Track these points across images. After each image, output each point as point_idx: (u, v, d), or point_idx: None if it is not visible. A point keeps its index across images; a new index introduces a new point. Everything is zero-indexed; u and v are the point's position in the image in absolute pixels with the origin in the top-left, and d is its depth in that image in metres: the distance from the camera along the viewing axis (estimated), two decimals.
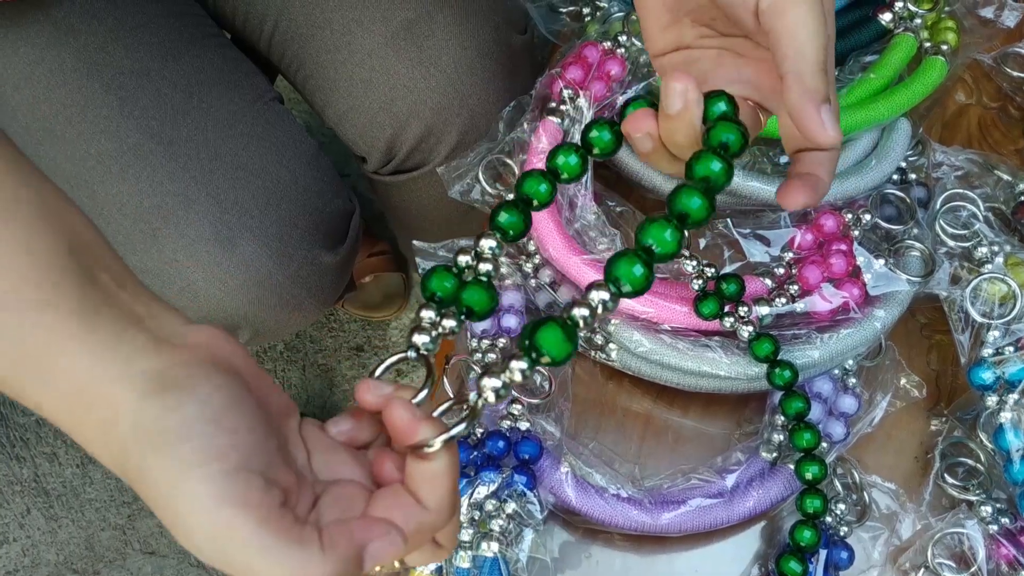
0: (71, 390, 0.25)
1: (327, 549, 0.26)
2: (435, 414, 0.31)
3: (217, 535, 0.25)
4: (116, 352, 0.25)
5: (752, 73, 0.36)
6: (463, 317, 0.34)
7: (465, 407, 0.30)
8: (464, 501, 0.45)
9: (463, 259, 0.35)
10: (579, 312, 0.29)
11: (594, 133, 0.35)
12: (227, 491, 0.25)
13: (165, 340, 0.26)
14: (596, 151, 0.35)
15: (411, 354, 0.33)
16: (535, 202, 0.35)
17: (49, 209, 0.26)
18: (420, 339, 0.33)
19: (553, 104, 0.53)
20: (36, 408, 0.26)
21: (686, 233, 0.29)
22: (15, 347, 0.25)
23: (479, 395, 0.29)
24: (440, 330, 0.34)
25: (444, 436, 0.29)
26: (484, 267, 0.35)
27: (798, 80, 0.30)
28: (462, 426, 0.29)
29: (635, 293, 0.29)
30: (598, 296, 0.29)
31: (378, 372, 0.33)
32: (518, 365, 0.29)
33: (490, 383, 0.29)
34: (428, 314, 0.34)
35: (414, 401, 0.31)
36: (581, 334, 0.49)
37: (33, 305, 0.25)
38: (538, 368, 0.50)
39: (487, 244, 0.35)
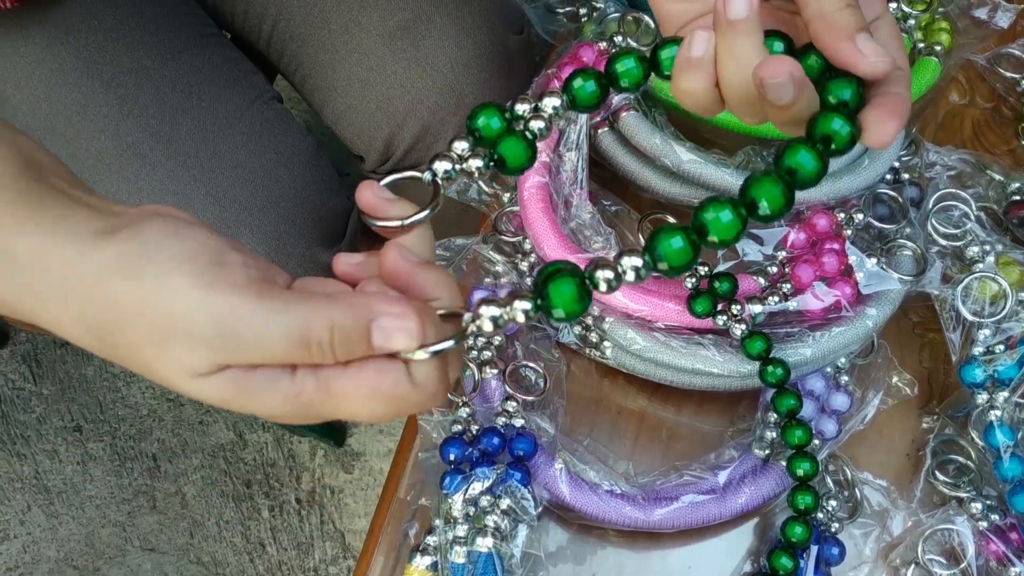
0: (26, 263, 0.25)
1: (335, 301, 0.26)
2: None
3: (222, 318, 0.24)
4: (67, 220, 0.25)
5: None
6: (492, 163, 0.32)
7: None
8: (459, 497, 0.45)
9: (521, 108, 0.33)
10: (602, 274, 0.27)
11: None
12: (214, 278, 0.25)
13: (111, 210, 0.27)
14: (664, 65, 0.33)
15: (427, 176, 0.31)
16: (623, 82, 0.33)
17: (2, 129, 0.28)
18: (441, 165, 0.31)
19: None
20: None
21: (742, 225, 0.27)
22: None
23: (474, 318, 0.28)
24: (464, 166, 0.32)
25: (432, 348, 0.27)
26: (536, 124, 0.33)
27: (822, 21, 0.29)
28: (451, 342, 0.27)
29: (673, 270, 0.27)
30: (629, 262, 0.27)
31: (384, 181, 0.31)
32: (521, 305, 0.27)
33: (488, 310, 0.27)
34: (461, 145, 0.32)
35: (413, 219, 0.30)
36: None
37: None
38: (532, 366, 0.50)
39: (551, 102, 0.32)
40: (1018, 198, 0.54)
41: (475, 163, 0.32)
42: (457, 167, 0.32)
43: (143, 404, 1.21)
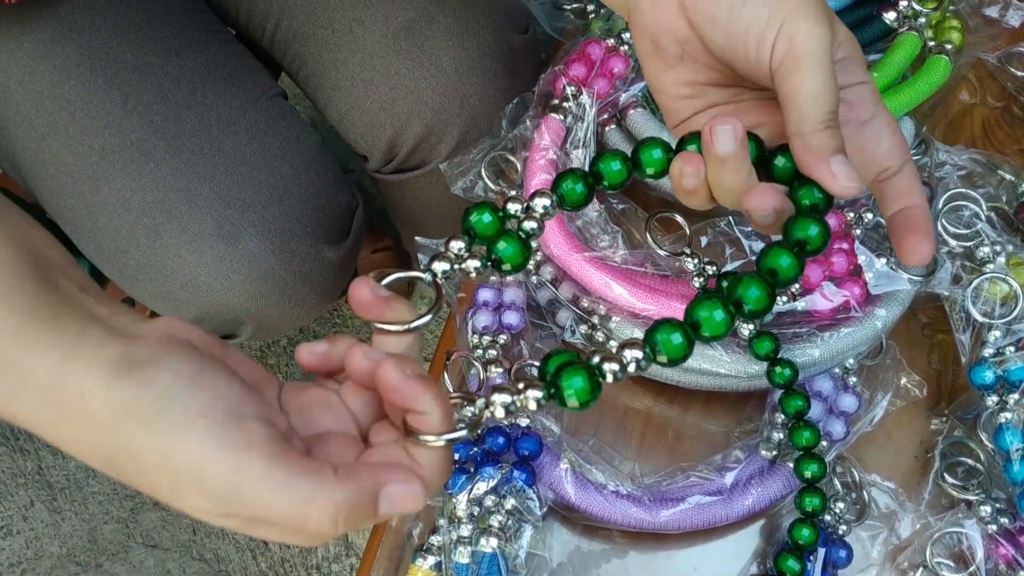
0: (42, 389, 0.25)
1: (341, 478, 0.26)
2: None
3: (229, 481, 0.25)
4: (80, 347, 0.25)
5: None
6: (489, 263, 0.33)
7: (469, 409, 0.30)
8: (463, 497, 0.45)
9: (513, 207, 0.34)
10: (609, 367, 0.29)
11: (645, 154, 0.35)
12: (226, 438, 0.25)
13: (124, 331, 0.27)
14: (649, 169, 0.35)
15: (427, 277, 0.32)
16: (605, 181, 0.35)
17: (9, 226, 0.27)
18: (439, 265, 0.32)
19: (556, 101, 0.54)
20: (12, 418, 0.26)
21: (736, 320, 0.29)
22: None
23: (487, 405, 0.29)
24: (463, 265, 0.33)
25: (447, 436, 0.28)
26: (529, 224, 0.34)
27: (801, 139, 0.32)
28: (464, 432, 0.28)
29: (671, 362, 0.29)
30: (631, 355, 0.29)
31: (385, 281, 0.31)
32: (534, 394, 0.29)
33: (501, 398, 0.29)
34: (457, 245, 0.33)
35: (416, 324, 0.30)
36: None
37: (1, 314, 0.25)
38: (537, 365, 0.50)
39: (541, 202, 0.34)
40: None
41: (472, 263, 0.33)
42: (456, 266, 0.33)
43: None
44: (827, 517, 0.46)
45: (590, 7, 0.60)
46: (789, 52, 0.32)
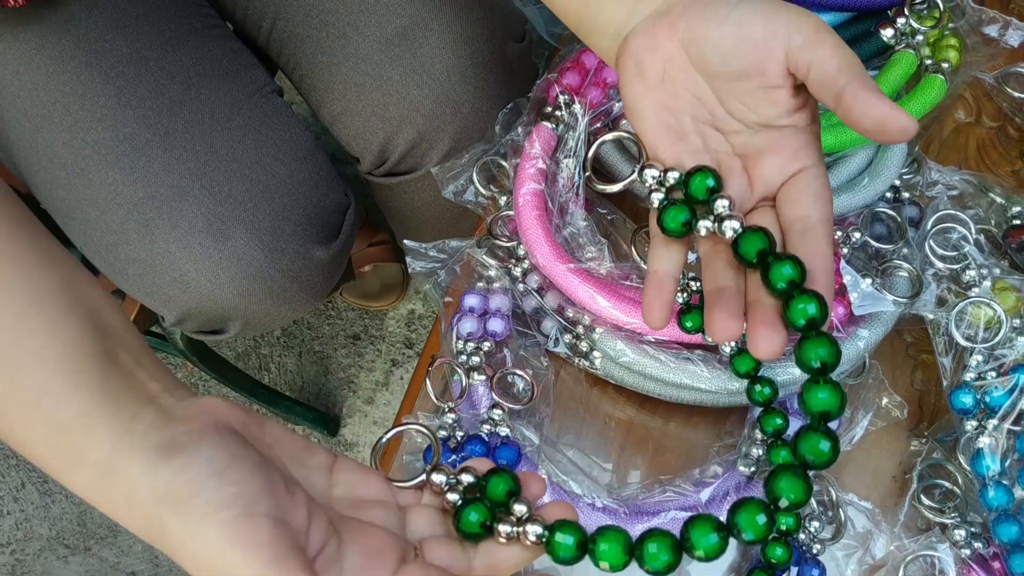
0: (96, 467, 0.28)
1: None
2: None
3: (230, 574, 0.27)
4: (132, 431, 0.28)
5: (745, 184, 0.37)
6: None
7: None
8: None
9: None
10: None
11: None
12: (236, 534, 0.27)
13: (172, 414, 0.29)
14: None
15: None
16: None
17: (72, 296, 0.30)
18: (438, 476, 0.34)
19: (549, 109, 0.53)
20: (69, 485, 0.29)
21: None
22: (52, 432, 0.28)
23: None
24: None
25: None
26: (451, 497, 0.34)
27: (862, 84, 0.33)
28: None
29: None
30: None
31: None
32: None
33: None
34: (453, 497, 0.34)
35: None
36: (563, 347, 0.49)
37: (66, 392, 0.28)
38: (520, 374, 0.50)
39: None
40: (1018, 222, 0.54)
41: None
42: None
43: None
44: (801, 536, 0.46)
45: None
46: (808, 35, 0.34)
